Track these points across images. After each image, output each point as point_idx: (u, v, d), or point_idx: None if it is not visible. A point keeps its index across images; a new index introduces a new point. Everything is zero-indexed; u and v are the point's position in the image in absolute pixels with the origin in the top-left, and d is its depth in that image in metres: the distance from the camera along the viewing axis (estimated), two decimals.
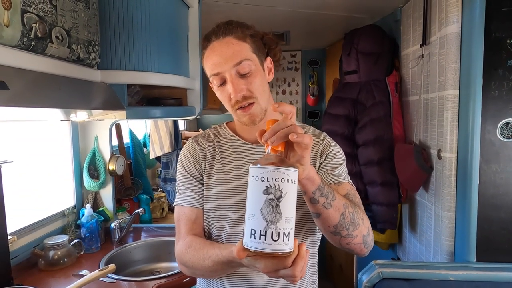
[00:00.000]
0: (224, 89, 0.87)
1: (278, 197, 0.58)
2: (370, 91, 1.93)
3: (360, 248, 0.82)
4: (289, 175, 0.59)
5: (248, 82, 0.85)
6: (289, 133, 0.61)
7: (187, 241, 0.88)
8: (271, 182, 0.58)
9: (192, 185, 0.93)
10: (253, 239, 0.58)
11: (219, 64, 0.85)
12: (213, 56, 0.87)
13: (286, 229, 0.59)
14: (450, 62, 1.36)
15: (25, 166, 1.55)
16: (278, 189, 0.58)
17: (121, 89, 1.33)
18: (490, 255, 1.31)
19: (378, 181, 1.85)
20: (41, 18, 0.91)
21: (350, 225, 0.77)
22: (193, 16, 1.67)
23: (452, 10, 1.34)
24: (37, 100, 0.92)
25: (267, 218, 0.58)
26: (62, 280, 1.35)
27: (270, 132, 0.63)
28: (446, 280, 1.24)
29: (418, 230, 1.73)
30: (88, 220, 1.66)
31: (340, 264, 2.90)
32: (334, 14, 2.10)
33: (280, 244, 0.58)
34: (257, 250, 0.58)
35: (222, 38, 0.86)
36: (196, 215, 0.92)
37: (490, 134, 1.29)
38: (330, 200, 0.74)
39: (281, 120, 0.63)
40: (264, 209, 0.58)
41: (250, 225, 0.59)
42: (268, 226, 0.58)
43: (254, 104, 0.86)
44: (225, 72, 0.84)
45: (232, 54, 0.84)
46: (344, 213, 0.76)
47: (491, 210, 1.31)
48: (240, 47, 0.86)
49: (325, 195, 0.73)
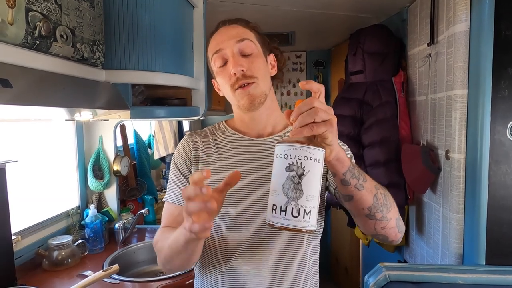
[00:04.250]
0: (224, 69, 0.87)
1: (300, 175, 0.58)
2: (377, 91, 1.91)
3: (394, 232, 0.80)
4: (313, 154, 0.59)
5: (250, 61, 0.86)
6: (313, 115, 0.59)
7: (162, 230, 0.90)
8: (293, 159, 0.59)
9: (180, 182, 0.92)
10: (274, 214, 0.59)
11: (221, 41, 0.87)
12: (217, 37, 0.89)
13: (307, 206, 0.59)
14: (458, 61, 1.34)
15: (30, 166, 1.55)
16: (301, 167, 0.58)
17: (126, 89, 1.33)
18: (500, 258, 1.28)
19: (384, 182, 1.82)
20: (46, 16, 0.91)
21: (383, 206, 0.75)
22: (198, 16, 1.66)
23: (461, 8, 1.32)
24: (41, 99, 0.91)
25: (288, 194, 0.59)
26: (66, 281, 1.35)
27: (296, 111, 0.61)
28: (455, 283, 1.21)
29: (425, 232, 1.71)
30: (92, 221, 1.65)
31: (345, 266, 2.87)
32: (340, 14, 2.09)
33: (300, 221, 0.59)
34: (279, 225, 0.59)
35: (229, 24, 0.90)
36: (179, 212, 0.90)
37: (500, 134, 1.26)
38: (362, 182, 0.72)
39: (308, 100, 0.61)
40: (286, 186, 0.59)
41: (272, 201, 0.60)
42: (289, 202, 0.59)
43: (254, 84, 0.86)
44: (227, 48, 0.86)
45: (236, 33, 0.87)
46: (377, 194, 0.74)
47: (501, 212, 1.28)
48: (245, 31, 0.89)
49: (356, 176, 0.71)
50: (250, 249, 0.86)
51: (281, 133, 0.94)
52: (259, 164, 0.89)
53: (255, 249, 0.86)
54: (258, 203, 0.86)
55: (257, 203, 0.86)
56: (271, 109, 0.94)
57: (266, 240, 0.86)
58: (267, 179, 0.86)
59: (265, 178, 0.86)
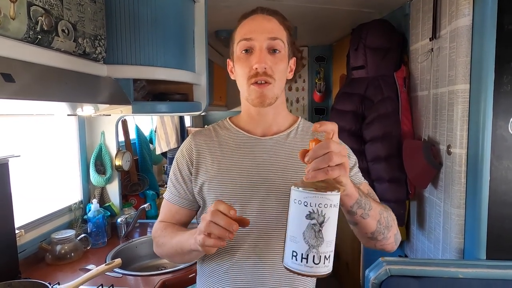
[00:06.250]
0: (247, 58, 0.86)
1: (320, 222, 0.58)
2: (378, 86, 1.90)
3: (392, 247, 0.85)
4: (332, 200, 0.59)
5: (274, 61, 0.85)
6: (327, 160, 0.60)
7: (165, 224, 0.94)
8: (314, 207, 0.58)
9: (177, 183, 0.94)
10: (295, 261, 0.60)
11: (255, 31, 0.85)
12: (252, 24, 0.87)
13: (327, 252, 0.59)
14: (460, 56, 1.33)
15: (33, 161, 1.56)
16: (321, 215, 0.58)
17: (127, 84, 1.33)
18: (501, 253, 1.29)
19: (385, 177, 1.83)
20: (47, 11, 0.91)
21: (385, 229, 0.80)
22: (199, 11, 1.65)
23: (463, 2, 1.31)
24: (43, 93, 0.92)
25: (309, 242, 0.59)
26: (69, 274, 1.36)
27: (312, 154, 0.61)
28: (455, 278, 1.22)
29: (426, 227, 1.71)
30: (94, 215, 1.66)
31: (346, 262, 2.88)
32: (342, 8, 2.08)
33: (320, 267, 0.59)
34: (298, 271, 0.60)
35: (267, 14, 0.88)
36: (176, 211, 0.95)
37: (502, 129, 1.26)
38: (368, 211, 0.74)
39: (325, 143, 0.61)
40: (307, 233, 0.59)
41: (292, 247, 0.60)
42: (310, 250, 0.59)
43: (270, 85, 0.85)
44: (258, 40, 0.84)
45: (271, 28, 0.85)
46: (380, 219, 0.78)
47: (502, 207, 1.28)
48: (280, 29, 0.87)
49: (362, 206, 0.73)
50: (253, 247, 0.86)
51: (285, 133, 0.94)
52: (262, 162, 0.89)
53: (258, 246, 0.86)
54: (260, 201, 0.86)
55: (260, 201, 0.86)
56: (279, 109, 0.94)
57: (268, 237, 0.86)
58: (269, 177, 0.87)
59: (268, 177, 0.87)
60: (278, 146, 0.91)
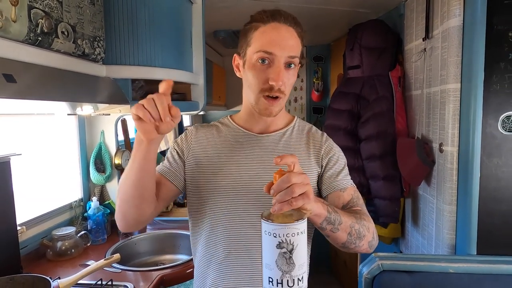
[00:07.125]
0: (263, 69, 0.86)
1: (290, 250, 0.63)
2: (373, 86, 1.93)
3: (366, 250, 0.88)
4: (299, 228, 0.63)
5: (288, 77, 0.88)
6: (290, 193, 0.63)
7: None
8: (283, 237, 0.62)
9: (172, 159, 0.97)
10: (271, 286, 0.65)
11: (277, 45, 0.85)
12: (274, 35, 0.86)
13: (300, 274, 0.64)
14: (452, 56, 1.36)
15: (34, 159, 1.59)
16: (290, 243, 0.62)
17: (126, 84, 1.36)
18: (491, 248, 1.32)
19: (380, 175, 1.85)
20: (47, 13, 0.94)
21: (357, 239, 0.83)
22: (197, 11, 1.68)
23: (454, 3, 1.34)
24: (43, 93, 0.94)
25: (282, 269, 0.63)
26: (69, 270, 1.39)
27: (275, 188, 0.65)
28: (446, 273, 1.25)
29: (420, 224, 1.74)
30: (94, 213, 1.69)
31: (344, 260, 2.91)
32: (338, 9, 2.10)
33: None
34: None
35: (289, 25, 0.88)
36: (161, 181, 0.94)
37: (492, 128, 1.29)
38: (337, 225, 0.78)
39: (286, 177, 0.65)
40: (279, 261, 0.63)
41: (268, 273, 0.65)
42: (284, 276, 0.63)
43: (280, 100, 0.88)
44: (280, 56, 0.85)
45: (292, 45, 0.87)
46: (351, 232, 0.81)
47: (492, 203, 1.31)
48: (298, 45, 0.89)
49: (332, 222, 0.77)
50: (248, 242, 0.89)
51: (281, 131, 0.97)
52: (259, 158, 0.93)
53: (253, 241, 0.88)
54: (256, 196, 0.89)
55: (256, 196, 0.89)
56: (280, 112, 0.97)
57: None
58: (266, 173, 0.90)
59: (264, 172, 0.90)
60: (274, 143, 0.95)
